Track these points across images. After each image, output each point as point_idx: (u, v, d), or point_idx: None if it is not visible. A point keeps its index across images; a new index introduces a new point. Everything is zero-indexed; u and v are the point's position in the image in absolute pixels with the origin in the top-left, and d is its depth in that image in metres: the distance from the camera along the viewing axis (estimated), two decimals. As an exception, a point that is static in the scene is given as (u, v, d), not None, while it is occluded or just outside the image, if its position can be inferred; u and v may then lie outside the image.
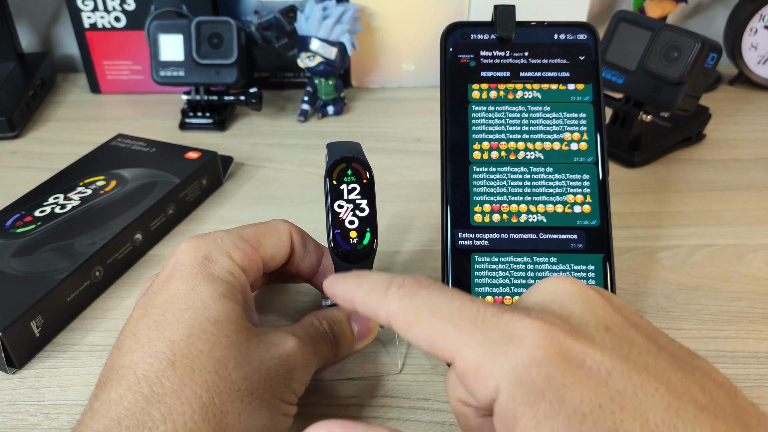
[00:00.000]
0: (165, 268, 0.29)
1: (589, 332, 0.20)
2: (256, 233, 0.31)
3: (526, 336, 0.19)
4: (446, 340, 0.20)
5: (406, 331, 0.22)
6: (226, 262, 0.29)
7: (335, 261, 0.31)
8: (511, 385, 0.19)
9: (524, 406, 0.19)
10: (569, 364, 0.19)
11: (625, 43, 0.52)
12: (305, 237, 0.34)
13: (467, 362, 0.20)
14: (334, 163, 0.31)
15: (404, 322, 0.22)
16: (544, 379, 0.19)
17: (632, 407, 0.18)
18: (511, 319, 0.20)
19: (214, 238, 0.30)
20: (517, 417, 0.19)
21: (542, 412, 0.18)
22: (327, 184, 0.31)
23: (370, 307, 0.23)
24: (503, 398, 0.19)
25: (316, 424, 0.21)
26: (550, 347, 0.19)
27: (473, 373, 0.20)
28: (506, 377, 0.19)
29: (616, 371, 0.19)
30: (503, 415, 0.19)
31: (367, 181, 0.31)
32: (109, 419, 0.23)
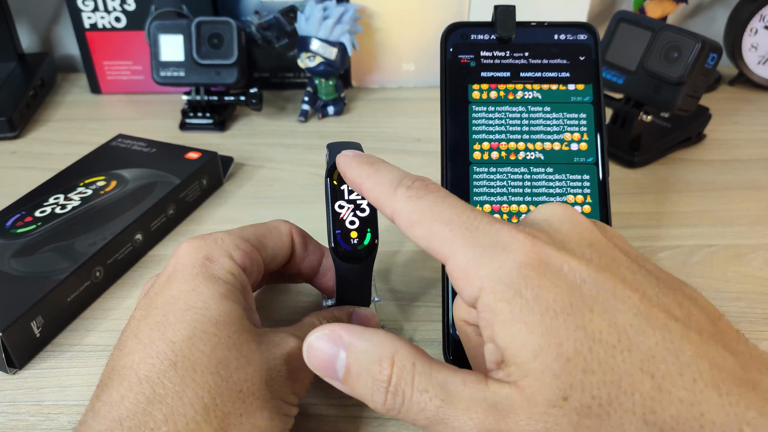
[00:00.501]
0: (166, 269, 0.29)
1: (571, 246, 0.22)
2: (257, 233, 0.31)
3: (511, 243, 0.21)
4: (442, 243, 0.22)
5: (408, 230, 0.24)
6: (226, 263, 0.29)
7: (336, 261, 0.31)
8: (492, 284, 0.21)
9: (503, 302, 0.21)
10: (547, 268, 0.21)
11: (625, 43, 0.52)
12: (306, 237, 0.34)
13: (457, 263, 0.22)
14: (334, 163, 0.31)
15: (407, 221, 0.23)
16: (522, 279, 0.21)
17: (602, 309, 0.20)
18: (500, 228, 0.22)
19: (215, 238, 0.30)
20: (496, 312, 0.21)
21: (518, 307, 0.20)
22: (327, 185, 0.31)
23: (377, 199, 0.25)
24: (485, 295, 0.21)
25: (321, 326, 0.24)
26: (531, 253, 0.21)
27: (462, 274, 0.22)
28: (489, 277, 0.21)
29: (591, 278, 0.21)
30: (484, 311, 0.21)
31: None
32: (111, 420, 0.23)
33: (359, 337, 0.23)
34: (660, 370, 0.19)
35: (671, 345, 0.19)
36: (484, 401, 0.21)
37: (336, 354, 0.23)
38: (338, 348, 0.23)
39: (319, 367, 0.24)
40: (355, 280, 0.32)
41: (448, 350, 0.34)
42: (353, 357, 0.23)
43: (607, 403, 0.19)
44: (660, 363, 0.19)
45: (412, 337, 0.37)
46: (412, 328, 0.37)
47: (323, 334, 0.24)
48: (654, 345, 0.19)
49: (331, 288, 0.34)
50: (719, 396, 0.19)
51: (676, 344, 0.19)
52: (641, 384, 0.19)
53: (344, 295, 0.33)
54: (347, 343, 0.23)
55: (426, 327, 0.37)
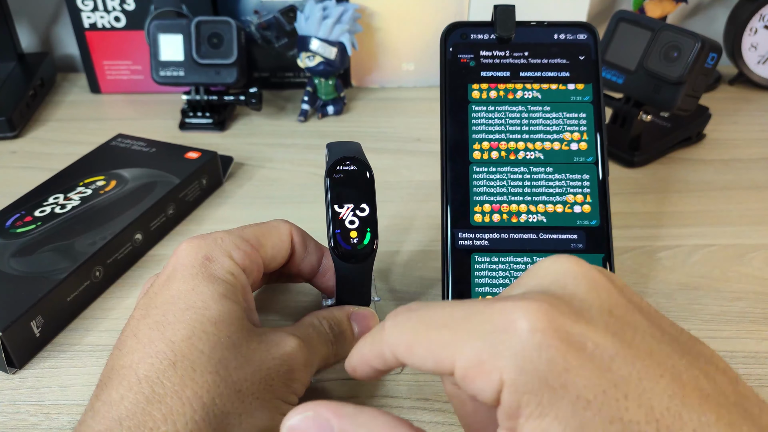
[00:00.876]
0: (165, 269, 0.29)
1: (591, 315, 0.20)
2: (257, 233, 0.31)
3: (521, 320, 0.19)
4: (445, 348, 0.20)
5: (409, 355, 0.21)
6: (226, 263, 0.29)
7: (336, 261, 0.31)
8: (513, 374, 0.18)
9: (528, 395, 0.18)
10: (570, 347, 0.18)
11: (625, 43, 0.52)
12: (306, 237, 0.34)
13: (468, 361, 0.19)
14: (334, 163, 0.31)
15: (405, 346, 0.21)
16: (546, 364, 0.18)
17: (637, 394, 0.18)
18: (503, 306, 0.19)
19: (214, 238, 0.30)
20: (521, 406, 0.18)
21: (546, 399, 0.18)
22: (327, 184, 0.31)
23: (377, 353, 0.22)
24: (507, 390, 0.18)
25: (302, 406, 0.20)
26: (548, 330, 0.18)
27: (475, 371, 0.19)
28: (507, 366, 0.18)
29: (620, 357, 0.18)
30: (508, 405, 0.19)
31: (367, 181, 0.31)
32: (111, 419, 0.23)
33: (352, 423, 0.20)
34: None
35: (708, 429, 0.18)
36: None
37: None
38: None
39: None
40: (355, 279, 0.32)
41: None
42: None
43: None
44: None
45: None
46: (411, 328, 0.37)
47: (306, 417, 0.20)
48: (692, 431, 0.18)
49: (331, 288, 0.34)
50: None
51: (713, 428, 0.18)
52: None
53: (344, 295, 0.33)
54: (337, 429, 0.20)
55: (426, 327, 0.37)
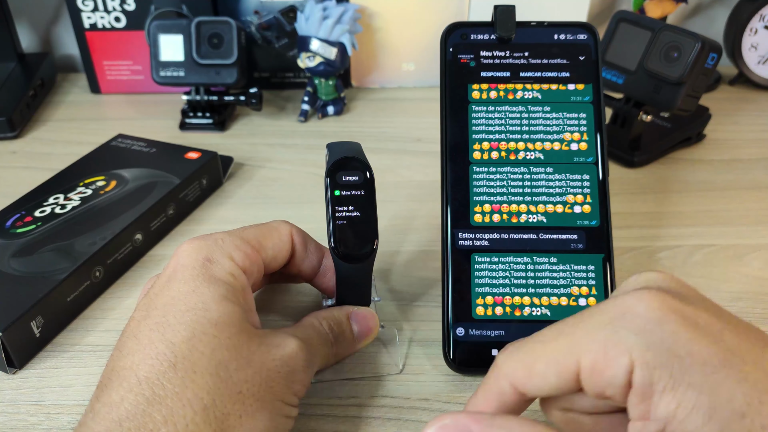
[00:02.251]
0: (166, 270, 0.29)
1: (690, 300, 0.21)
2: (257, 234, 0.31)
3: (637, 304, 0.20)
4: (567, 354, 0.21)
5: (529, 378, 0.21)
6: (227, 264, 0.29)
7: (336, 261, 0.31)
8: (642, 350, 0.19)
9: (659, 369, 0.19)
10: (686, 321, 0.20)
11: (625, 43, 0.52)
12: (306, 238, 0.34)
13: (595, 354, 0.20)
14: (334, 163, 0.31)
15: (524, 369, 0.22)
16: (670, 336, 0.19)
17: (752, 359, 0.19)
18: (614, 301, 0.21)
19: (215, 239, 0.30)
20: (653, 382, 0.19)
21: (677, 369, 0.19)
22: (327, 185, 0.31)
23: (492, 393, 0.22)
24: (638, 368, 0.19)
25: (438, 417, 0.20)
26: (664, 307, 0.20)
27: (603, 361, 0.20)
28: (635, 346, 0.19)
29: (727, 330, 0.20)
30: (641, 385, 0.19)
31: (368, 181, 0.31)
32: (111, 421, 0.23)
33: (490, 425, 0.19)
34: None
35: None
36: None
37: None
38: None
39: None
40: (356, 279, 0.32)
41: (448, 350, 0.34)
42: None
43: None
44: None
45: (412, 337, 0.37)
46: (412, 328, 0.37)
47: (444, 425, 0.20)
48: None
49: (331, 288, 0.34)
50: None
51: None
52: None
53: (344, 295, 0.33)
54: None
55: (426, 327, 0.37)
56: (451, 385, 0.33)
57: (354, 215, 0.31)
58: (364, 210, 0.31)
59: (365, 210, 0.31)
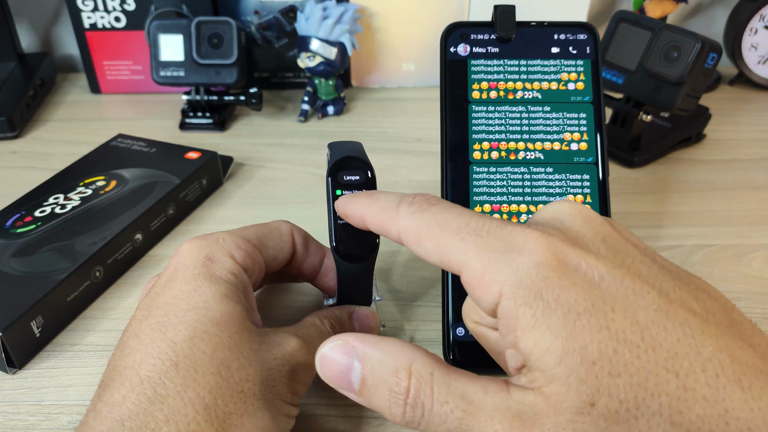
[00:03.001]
0: (167, 269, 0.29)
1: (585, 242, 0.22)
2: (258, 234, 0.31)
3: (526, 244, 0.21)
4: (454, 252, 0.22)
5: (416, 245, 0.23)
6: (228, 263, 0.29)
7: (337, 260, 0.31)
8: (512, 288, 0.20)
9: (524, 306, 0.20)
10: (565, 267, 0.20)
11: (625, 43, 0.52)
12: (307, 237, 0.34)
13: (473, 271, 0.21)
14: (336, 162, 0.31)
15: (415, 236, 0.23)
16: (542, 281, 0.20)
17: (623, 307, 0.20)
18: (513, 230, 0.21)
19: (216, 238, 0.30)
20: (518, 317, 0.20)
21: (540, 311, 0.20)
22: (329, 184, 0.31)
23: (382, 224, 0.24)
24: (505, 301, 0.20)
25: (333, 337, 0.23)
26: (547, 253, 0.21)
27: (478, 281, 0.21)
28: (508, 281, 0.20)
29: (609, 275, 0.20)
30: (505, 316, 0.21)
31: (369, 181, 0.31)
32: (112, 420, 0.23)
33: (373, 347, 0.22)
34: (683, 367, 0.19)
35: (692, 340, 0.19)
36: (508, 410, 0.20)
37: (350, 365, 0.23)
38: (352, 359, 0.23)
39: (333, 378, 0.23)
40: (357, 279, 0.32)
41: (448, 350, 0.34)
42: (368, 368, 0.22)
43: (634, 406, 0.19)
44: (683, 360, 0.19)
45: (413, 336, 0.37)
46: (412, 328, 0.37)
47: (336, 345, 0.23)
48: (676, 342, 0.19)
49: (333, 287, 0.34)
50: (742, 391, 0.19)
51: (697, 339, 0.19)
52: (666, 384, 0.19)
53: (345, 294, 0.33)
54: (361, 353, 0.22)
55: (426, 327, 0.37)
56: (451, 385, 0.33)
57: None
58: None
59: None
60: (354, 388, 0.23)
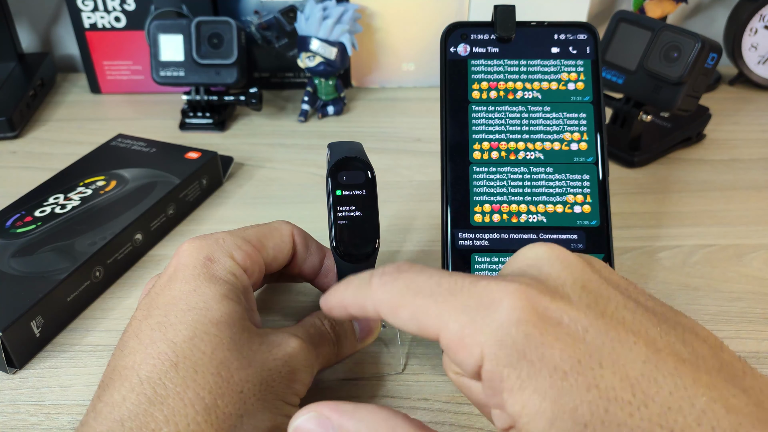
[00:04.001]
0: (167, 269, 0.29)
1: (565, 292, 0.21)
2: (258, 234, 0.31)
3: (503, 299, 0.20)
4: (430, 317, 0.21)
5: (393, 316, 0.22)
6: (228, 263, 0.29)
7: (338, 261, 0.31)
8: (493, 348, 0.19)
9: (508, 368, 0.19)
10: (547, 322, 0.19)
11: (625, 43, 0.52)
12: (307, 238, 0.34)
13: (451, 333, 0.20)
14: (335, 163, 0.31)
15: (389, 306, 0.22)
16: (523, 339, 0.19)
17: (611, 362, 0.19)
18: (487, 285, 0.20)
19: (216, 238, 0.30)
20: (502, 379, 0.19)
21: (525, 372, 0.19)
22: (329, 185, 0.31)
23: (360, 305, 0.23)
24: (487, 363, 0.19)
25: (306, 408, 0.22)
26: (526, 307, 0.19)
27: (458, 344, 0.20)
28: (488, 341, 0.19)
29: (593, 327, 0.19)
30: (490, 379, 0.20)
31: (369, 181, 0.31)
32: (112, 420, 0.23)
33: (350, 417, 0.21)
34: (678, 423, 0.18)
35: (684, 392, 0.18)
36: None
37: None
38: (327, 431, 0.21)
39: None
40: None
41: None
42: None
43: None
44: (677, 415, 0.18)
45: (413, 337, 0.37)
46: (412, 328, 0.37)
47: (310, 417, 0.22)
48: (668, 395, 0.18)
49: None
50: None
51: (690, 390, 0.18)
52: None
53: None
54: (337, 425, 0.21)
55: (426, 327, 0.37)
56: (450, 385, 0.33)
57: (355, 215, 0.31)
58: (365, 210, 0.31)
59: (367, 210, 0.31)
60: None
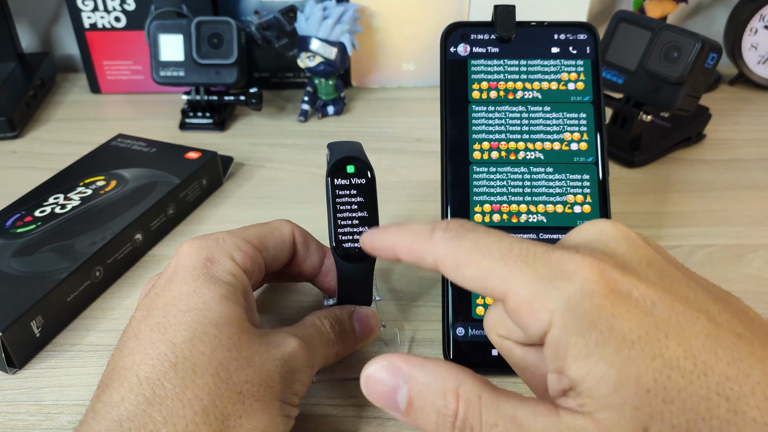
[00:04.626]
0: (167, 270, 0.29)
1: (633, 267, 0.21)
2: (259, 234, 0.31)
3: (577, 271, 0.20)
4: (498, 279, 0.21)
5: (455, 273, 0.22)
6: (227, 264, 0.29)
7: (337, 261, 0.31)
8: (563, 317, 0.20)
9: (576, 336, 0.20)
10: (618, 295, 0.20)
11: (625, 43, 0.52)
12: (308, 237, 0.34)
13: (520, 298, 0.21)
14: (335, 163, 0.31)
15: (453, 264, 0.22)
16: (595, 310, 0.20)
17: (676, 334, 0.20)
18: (561, 256, 0.21)
19: (216, 239, 0.30)
20: (569, 346, 0.20)
21: (593, 340, 0.20)
22: (328, 184, 0.31)
23: (415, 253, 0.24)
24: (556, 329, 0.20)
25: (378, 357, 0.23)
26: (600, 281, 0.20)
27: (526, 308, 0.21)
28: (559, 310, 0.20)
29: (660, 302, 0.20)
30: (555, 345, 0.20)
31: (369, 181, 0.31)
32: (111, 420, 0.23)
33: (420, 369, 0.22)
34: (734, 391, 0.19)
35: (741, 364, 0.19)
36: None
37: (396, 386, 0.22)
38: (398, 380, 0.22)
39: (379, 399, 0.23)
40: (357, 279, 0.32)
41: (448, 350, 0.34)
42: (415, 390, 0.22)
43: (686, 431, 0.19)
44: (733, 384, 0.19)
45: (413, 337, 0.37)
46: (412, 328, 0.37)
47: (381, 366, 0.22)
48: (726, 366, 0.19)
49: (333, 287, 0.34)
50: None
51: (745, 363, 0.19)
52: (717, 408, 0.19)
53: (346, 295, 0.33)
54: (407, 375, 0.22)
55: (426, 327, 0.37)
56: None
57: (355, 215, 0.31)
58: (365, 209, 0.31)
59: (367, 209, 0.31)
60: (400, 408, 0.22)
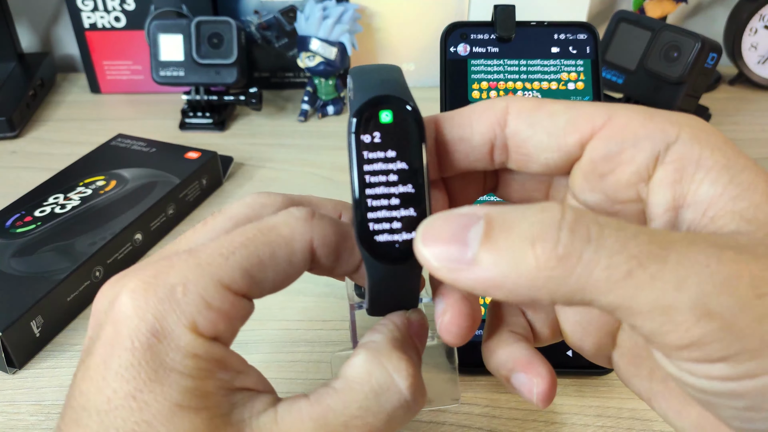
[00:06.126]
0: (100, 338, 0.19)
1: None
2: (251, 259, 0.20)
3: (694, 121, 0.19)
4: (588, 115, 0.19)
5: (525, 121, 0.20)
6: (184, 340, 0.18)
7: (367, 260, 0.20)
8: (695, 131, 0.19)
9: (714, 150, 0.18)
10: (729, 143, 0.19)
11: (625, 43, 0.52)
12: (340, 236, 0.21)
13: (637, 114, 0.19)
14: (361, 107, 0.19)
15: (529, 110, 0.20)
16: (731, 149, 0.19)
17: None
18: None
19: (171, 289, 0.19)
20: (700, 158, 0.18)
21: (731, 156, 0.18)
22: (351, 144, 0.19)
23: (487, 118, 0.20)
24: (683, 143, 0.18)
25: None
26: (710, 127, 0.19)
27: (639, 122, 0.19)
28: (688, 123, 0.19)
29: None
30: (681, 158, 0.18)
31: (415, 134, 0.19)
32: None
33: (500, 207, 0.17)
34: None
35: None
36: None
37: (469, 222, 0.16)
38: (473, 213, 0.17)
39: (444, 239, 0.17)
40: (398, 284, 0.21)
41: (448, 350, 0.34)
42: (497, 213, 0.16)
43: None
44: None
45: (412, 336, 0.37)
46: (412, 328, 0.37)
47: (448, 213, 0.17)
48: None
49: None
50: None
51: None
52: None
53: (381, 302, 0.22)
54: (486, 211, 0.16)
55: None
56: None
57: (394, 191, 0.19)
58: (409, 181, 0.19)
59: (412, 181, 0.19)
60: (474, 242, 0.16)
